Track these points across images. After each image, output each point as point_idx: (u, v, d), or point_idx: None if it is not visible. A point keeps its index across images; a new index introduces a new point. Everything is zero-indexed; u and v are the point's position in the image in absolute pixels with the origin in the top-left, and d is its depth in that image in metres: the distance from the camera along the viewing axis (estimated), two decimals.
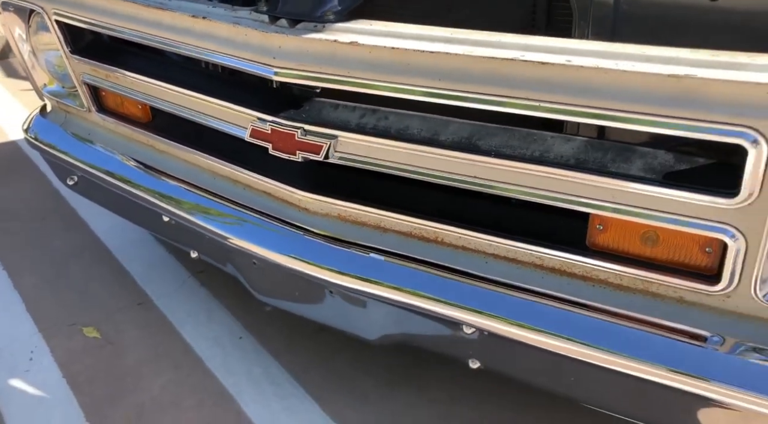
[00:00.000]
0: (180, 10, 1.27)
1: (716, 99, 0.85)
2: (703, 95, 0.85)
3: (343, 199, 1.27)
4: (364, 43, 1.06)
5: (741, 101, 0.83)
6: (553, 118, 0.97)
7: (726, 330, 1.00)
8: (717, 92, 0.84)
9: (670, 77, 0.86)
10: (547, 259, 1.12)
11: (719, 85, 0.84)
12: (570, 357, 1.09)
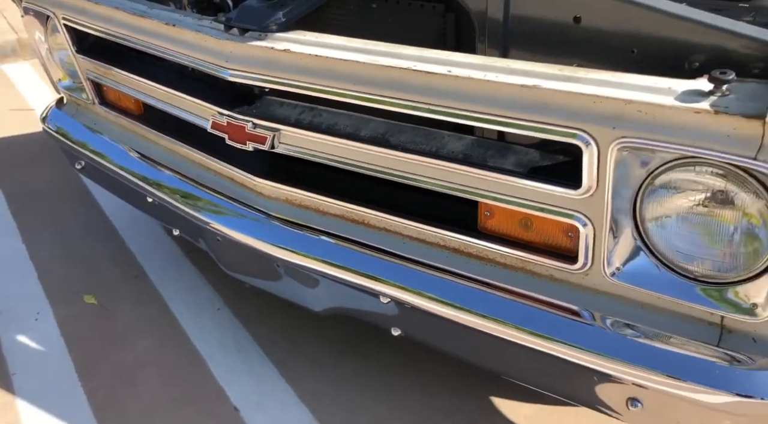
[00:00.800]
0: (157, 18, 1.49)
1: (557, 106, 1.02)
2: (548, 103, 1.03)
3: (289, 185, 1.46)
4: (295, 51, 1.26)
5: (576, 109, 1.01)
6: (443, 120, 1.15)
7: (587, 304, 1.17)
8: (558, 101, 1.02)
9: (522, 87, 1.04)
10: (448, 240, 1.30)
11: (560, 95, 1.01)
12: (466, 325, 1.26)
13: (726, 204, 0.98)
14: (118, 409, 1.68)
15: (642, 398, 1.13)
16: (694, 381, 1.06)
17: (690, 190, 0.99)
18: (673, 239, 1.04)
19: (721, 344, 1.07)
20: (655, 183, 1.01)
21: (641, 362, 1.10)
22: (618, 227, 1.07)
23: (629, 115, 0.97)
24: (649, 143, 0.96)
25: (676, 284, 1.07)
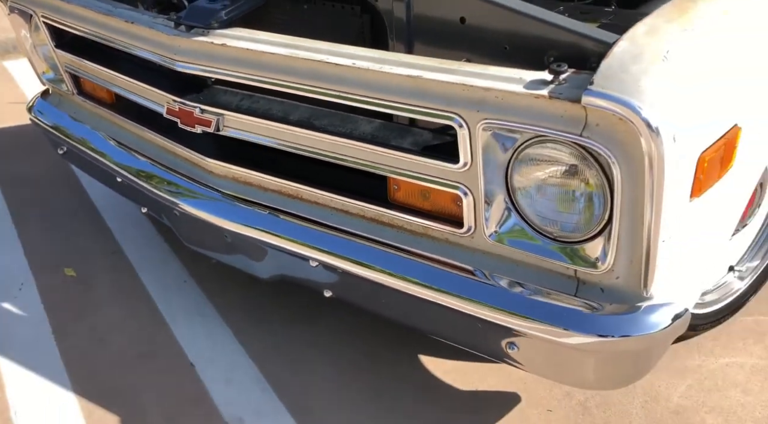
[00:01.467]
0: (119, 16, 1.70)
1: (436, 93, 1.22)
2: (428, 90, 1.23)
3: (235, 164, 1.66)
4: (230, 45, 1.46)
5: (450, 95, 1.20)
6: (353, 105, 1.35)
7: (473, 262, 1.37)
8: (436, 89, 1.22)
9: (408, 77, 1.24)
10: (366, 211, 1.50)
11: (437, 84, 1.21)
12: (381, 284, 1.46)
13: (568, 174, 1.17)
14: (88, 365, 1.89)
15: (517, 342, 1.33)
16: (557, 325, 1.26)
17: (543, 162, 1.19)
18: (536, 205, 1.24)
19: (578, 294, 1.27)
20: (520, 158, 1.21)
21: (514, 310, 1.30)
22: (493, 195, 1.27)
23: (489, 101, 1.16)
24: (506, 124, 1.16)
25: (540, 244, 1.27)
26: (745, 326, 1.88)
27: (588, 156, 1.12)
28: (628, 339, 1.21)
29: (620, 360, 1.30)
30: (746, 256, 1.93)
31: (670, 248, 1.16)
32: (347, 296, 1.62)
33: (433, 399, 1.71)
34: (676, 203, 1.13)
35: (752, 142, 1.29)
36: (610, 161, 1.08)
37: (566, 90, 1.09)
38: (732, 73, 1.17)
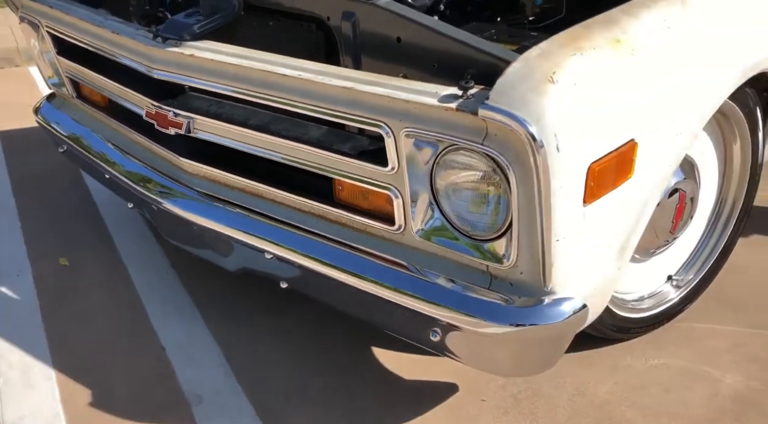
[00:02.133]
0: (108, 27, 1.87)
1: (367, 104, 1.37)
2: (361, 101, 1.38)
3: (205, 164, 1.82)
4: (198, 56, 1.63)
5: (378, 106, 1.35)
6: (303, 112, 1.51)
7: (404, 257, 1.51)
8: (367, 100, 1.37)
9: (344, 88, 1.39)
10: (316, 208, 1.65)
11: (368, 96, 1.36)
12: (328, 276, 1.61)
13: (478, 179, 1.31)
14: (68, 344, 2.05)
15: (438, 329, 1.46)
16: (468, 314, 1.39)
17: (459, 168, 1.33)
18: (454, 206, 1.38)
19: (491, 287, 1.41)
20: (440, 163, 1.35)
21: (433, 300, 1.44)
22: (419, 196, 1.41)
23: (410, 112, 1.31)
24: (423, 132, 1.31)
25: (458, 241, 1.41)
26: (679, 331, 1.99)
27: (492, 163, 1.26)
28: (529, 328, 1.35)
29: (527, 348, 1.43)
30: (683, 268, 2.05)
31: (565, 247, 1.30)
32: (299, 287, 1.77)
33: (378, 387, 1.85)
34: (569, 207, 1.27)
35: (654, 156, 1.42)
36: (506, 168, 1.23)
37: (470, 104, 1.23)
38: (625, 93, 1.31)
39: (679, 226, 1.88)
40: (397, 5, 1.51)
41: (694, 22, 1.45)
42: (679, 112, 1.45)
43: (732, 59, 1.55)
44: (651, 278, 1.98)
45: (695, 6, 1.47)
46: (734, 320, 2.02)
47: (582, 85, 1.22)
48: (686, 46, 1.44)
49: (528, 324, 1.36)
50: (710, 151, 1.94)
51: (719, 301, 2.09)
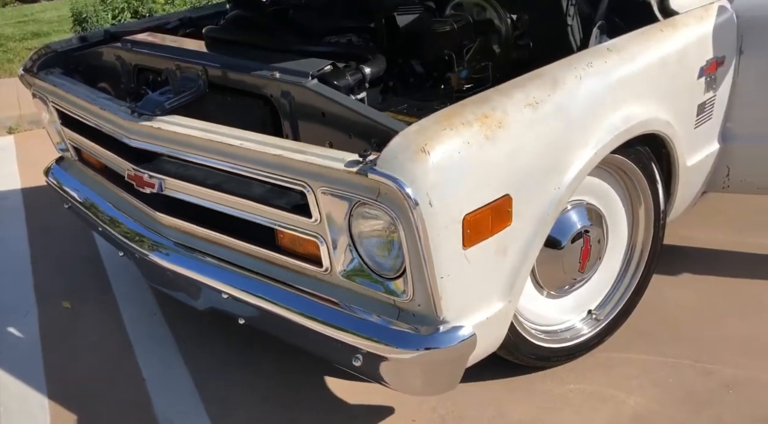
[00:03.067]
0: (98, 104, 2.19)
1: (293, 168, 1.65)
2: (288, 165, 1.66)
3: (174, 217, 2.10)
4: (163, 128, 1.93)
5: (300, 169, 1.63)
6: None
7: (332, 293, 1.77)
8: (293, 164, 1.64)
9: (275, 155, 1.67)
10: (263, 254, 1.92)
11: (293, 161, 1.64)
12: (271, 311, 1.86)
13: (381, 228, 1.58)
14: (62, 375, 2.33)
15: (360, 355, 1.70)
16: (383, 342, 1.64)
17: (368, 219, 1.59)
18: (367, 250, 1.64)
19: (400, 318, 1.66)
20: (353, 214, 1.62)
21: (356, 330, 1.69)
22: (340, 242, 1.68)
23: (324, 174, 1.59)
24: (334, 190, 1.58)
25: (372, 280, 1.66)
26: (597, 359, 2.20)
27: (387, 216, 1.52)
28: (427, 352, 1.59)
29: (429, 370, 1.66)
30: (602, 303, 2.27)
31: (450, 284, 1.55)
32: (252, 322, 2.02)
33: (325, 409, 2.08)
34: (449, 250, 1.53)
35: (531, 207, 1.67)
36: (396, 220, 1.49)
37: (366, 168, 1.50)
38: (495, 158, 1.57)
39: (588, 266, 2.11)
40: (323, 87, 1.81)
41: (563, 99, 1.72)
42: (553, 171, 1.71)
43: (600, 128, 1.80)
44: (571, 312, 2.21)
45: (566, 86, 1.74)
46: (647, 350, 2.23)
47: (451, 153, 1.49)
48: (555, 119, 1.71)
49: (425, 348, 1.60)
50: (616, 201, 2.18)
51: (636, 332, 2.30)
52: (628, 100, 1.90)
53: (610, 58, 1.87)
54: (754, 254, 2.75)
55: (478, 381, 2.12)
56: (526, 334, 2.02)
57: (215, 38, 2.35)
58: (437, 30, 2.20)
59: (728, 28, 2.26)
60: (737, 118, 2.42)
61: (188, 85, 2.09)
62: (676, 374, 2.12)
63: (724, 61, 2.27)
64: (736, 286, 2.55)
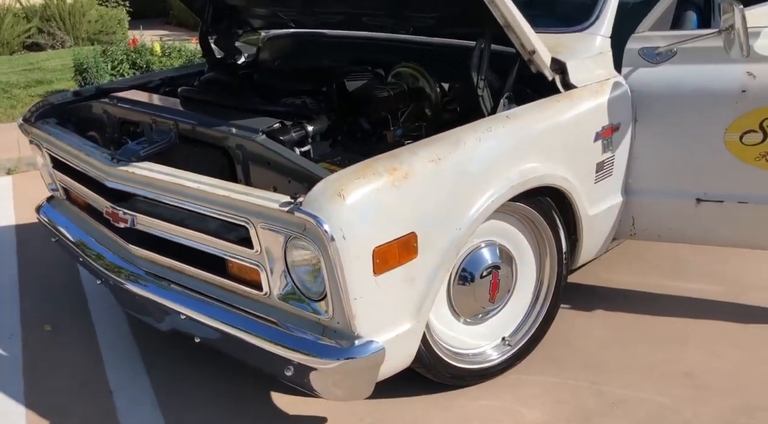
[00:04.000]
0: (83, 150, 2.50)
1: (237, 206, 1.95)
2: (234, 205, 1.96)
3: (144, 248, 2.39)
4: (135, 172, 2.24)
5: (244, 208, 1.94)
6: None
7: (272, 314, 2.05)
8: (237, 204, 1.95)
9: (224, 196, 1.98)
10: (216, 281, 2.21)
11: (238, 201, 1.95)
12: (220, 329, 2.14)
13: (308, 258, 1.87)
14: (41, 390, 2.57)
15: (291, 366, 1.98)
16: (308, 353, 1.92)
17: (299, 250, 1.89)
18: (299, 276, 1.94)
19: (324, 334, 1.94)
20: (288, 246, 1.92)
21: (287, 344, 1.96)
22: (277, 270, 1.97)
23: (262, 212, 1.89)
24: (271, 225, 1.88)
25: (303, 302, 1.95)
26: (509, 381, 2.48)
27: (312, 247, 1.82)
28: (344, 362, 1.87)
29: (346, 378, 1.94)
30: (515, 331, 2.55)
31: (363, 305, 1.84)
32: (206, 341, 2.29)
33: (269, 418, 2.34)
34: (361, 277, 1.83)
35: (435, 243, 1.98)
36: (318, 251, 1.79)
37: (294, 208, 1.81)
38: (402, 202, 1.89)
39: (498, 297, 2.41)
40: (269, 141, 2.13)
41: (463, 157, 2.05)
42: (454, 215, 2.02)
43: (497, 180, 2.13)
44: (487, 338, 2.49)
45: (466, 146, 2.07)
46: (553, 373, 2.51)
47: (362, 197, 1.81)
48: (455, 173, 2.03)
49: (344, 359, 1.88)
50: (524, 243, 2.49)
51: (546, 358, 2.58)
52: (524, 158, 2.23)
53: (508, 123, 2.21)
54: (659, 294, 3.06)
55: (403, 397, 2.39)
56: (443, 355, 2.30)
57: (187, 97, 2.69)
58: (377, 95, 2.54)
59: (623, 100, 2.61)
60: (637, 175, 2.76)
61: (161, 137, 2.41)
62: (573, 393, 2.40)
63: (619, 127, 2.61)
64: (640, 320, 2.85)
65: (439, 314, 2.32)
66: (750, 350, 2.62)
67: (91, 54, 8.09)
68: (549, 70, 2.38)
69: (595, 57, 2.61)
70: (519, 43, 2.26)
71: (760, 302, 2.97)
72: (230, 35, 3.47)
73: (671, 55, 2.65)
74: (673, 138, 2.67)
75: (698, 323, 2.82)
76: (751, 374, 2.48)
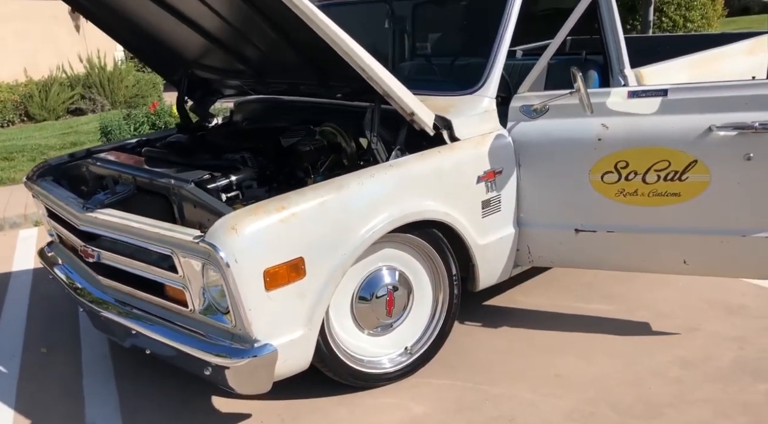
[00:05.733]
0: (63, 202, 2.98)
1: (164, 240, 2.40)
2: (161, 238, 2.41)
3: (106, 278, 2.84)
4: (98, 217, 2.70)
5: (168, 241, 2.38)
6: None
7: (196, 326, 2.47)
8: (163, 238, 2.39)
9: (155, 232, 2.42)
10: (160, 302, 2.64)
11: (163, 236, 2.39)
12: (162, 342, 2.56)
13: (216, 279, 2.29)
14: (30, 404, 2.99)
15: (209, 367, 2.38)
16: (219, 355, 2.33)
17: (210, 272, 2.32)
18: (212, 294, 2.36)
19: (233, 340, 2.35)
20: (204, 270, 2.34)
21: (204, 349, 2.38)
22: (198, 290, 2.40)
23: (180, 244, 2.34)
24: (186, 253, 2.32)
25: (216, 315, 2.37)
26: (409, 383, 2.84)
27: (217, 270, 2.25)
28: (246, 361, 2.27)
29: (250, 374, 2.33)
30: (416, 342, 2.93)
31: (256, 315, 2.26)
32: (154, 352, 2.70)
33: (206, 413, 2.73)
34: (254, 292, 2.25)
35: (321, 266, 2.39)
36: (220, 273, 2.22)
37: (200, 239, 2.25)
38: (290, 233, 2.31)
39: (394, 313, 2.80)
40: (196, 189, 2.59)
41: (346, 198, 2.47)
42: (339, 244, 2.44)
43: (379, 215, 2.54)
44: (391, 347, 2.87)
45: (350, 188, 2.50)
46: (446, 377, 2.87)
47: (252, 230, 2.24)
48: (339, 210, 2.45)
49: (247, 358, 2.28)
50: (420, 267, 2.89)
51: (443, 365, 2.94)
52: (405, 198, 2.65)
53: (391, 170, 2.64)
54: (562, 313, 3.41)
55: (316, 398, 2.77)
56: (347, 360, 2.69)
57: (150, 156, 3.18)
58: (301, 150, 2.99)
59: (505, 149, 3.02)
60: (526, 210, 3.15)
61: (123, 188, 2.89)
62: (457, 392, 2.76)
63: (502, 171, 3.02)
64: (536, 335, 3.20)
65: (344, 326, 2.71)
66: (620, 358, 2.95)
67: (115, 118, 8.75)
68: (429, 128, 2.82)
69: (481, 114, 3.04)
70: (399, 107, 2.71)
71: (645, 319, 3.30)
72: (204, 102, 3.99)
73: (545, 111, 3.07)
74: (551, 179, 3.07)
75: (585, 335, 3.16)
76: (613, 376, 2.81)
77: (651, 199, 2.92)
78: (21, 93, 11.39)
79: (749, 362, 2.83)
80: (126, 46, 3.90)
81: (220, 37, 3.08)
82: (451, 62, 3.68)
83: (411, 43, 4.04)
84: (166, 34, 3.33)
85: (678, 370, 2.81)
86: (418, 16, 3.96)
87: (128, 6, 3.11)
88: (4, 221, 5.77)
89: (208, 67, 3.64)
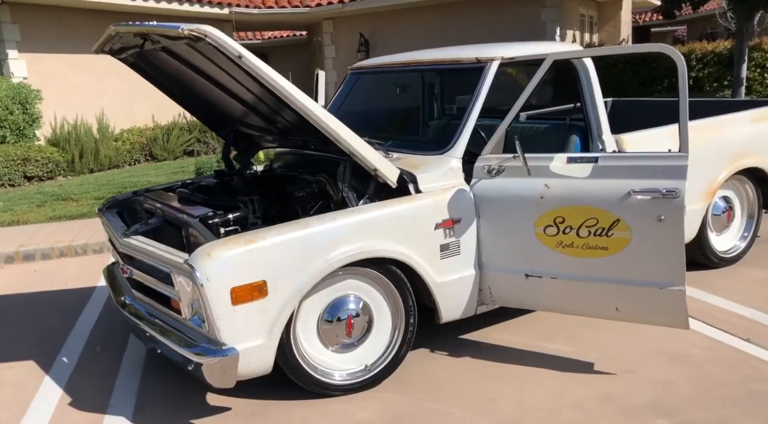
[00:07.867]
0: (113, 229, 3.68)
1: (164, 260, 2.99)
2: (162, 259, 3.00)
3: (140, 292, 3.47)
4: (132, 243, 3.35)
5: (166, 261, 2.97)
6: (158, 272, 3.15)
7: (190, 331, 3.03)
8: (164, 259, 2.99)
9: (159, 255, 3.02)
10: (167, 311, 3.22)
11: (164, 258, 2.99)
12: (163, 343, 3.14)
13: (195, 293, 2.85)
14: (74, 386, 3.65)
15: (192, 363, 2.92)
16: (199, 355, 2.86)
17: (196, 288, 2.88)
18: (196, 305, 2.92)
19: (208, 343, 2.88)
20: (193, 286, 2.91)
21: (188, 349, 2.92)
22: (188, 301, 2.96)
23: (174, 265, 2.92)
24: (179, 272, 2.90)
25: (197, 322, 2.92)
26: (366, 394, 3.25)
27: (196, 287, 2.81)
28: (215, 360, 2.79)
29: (219, 371, 2.84)
30: (377, 360, 3.34)
31: (225, 323, 2.78)
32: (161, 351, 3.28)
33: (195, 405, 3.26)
34: (222, 305, 2.78)
35: (282, 289, 2.89)
36: (197, 289, 2.77)
37: (186, 262, 2.82)
38: (255, 261, 2.83)
39: (354, 334, 3.24)
40: (198, 223, 3.18)
41: (308, 235, 2.97)
42: (299, 271, 2.93)
43: (336, 251, 3.01)
44: (352, 363, 3.30)
45: (312, 228, 3.00)
46: (397, 391, 3.26)
47: (223, 257, 2.78)
48: (300, 245, 2.95)
49: (218, 357, 2.81)
50: (380, 297, 3.32)
51: (398, 382, 3.33)
52: (363, 238, 3.11)
53: (352, 214, 3.12)
54: (525, 350, 3.70)
55: (283, 400, 3.23)
56: (311, 371, 3.16)
57: (181, 196, 3.83)
58: (296, 195, 3.55)
59: (464, 201, 3.43)
60: (486, 255, 3.53)
61: (155, 220, 3.55)
62: (400, 405, 3.14)
63: (461, 220, 3.42)
64: (491, 365, 3.51)
65: (310, 342, 3.19)
66: (551, 389, 3.22)
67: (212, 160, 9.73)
68: (391, 181, 3.29)
69: (446, 171, 3.48)
70: (363, 163, 3.21)
71: (591, 359, 3.53)
72: (246, 152, 4.66)
73: (501, 170, 3.47)
74: (504, 229, 3.44)
75: (532, 369, 3.45)
76: (535, 404, 3.09)
77: (585, 250, 3.22)
78: (148, 136, 12.67)
79: (663, 402, 3.02)
80: (184, 106, 4.65)
81: (253, 105, 3.71)
82: (433, 127, 4.15)
83: (421, 108, 4.57)
84: (215, 100, 4.02)
85: (595, 403, 3.05)
86: (418, 86, 4.48)
87: (186, 79, 3.80)
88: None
89: (248, 125, 4.30)
